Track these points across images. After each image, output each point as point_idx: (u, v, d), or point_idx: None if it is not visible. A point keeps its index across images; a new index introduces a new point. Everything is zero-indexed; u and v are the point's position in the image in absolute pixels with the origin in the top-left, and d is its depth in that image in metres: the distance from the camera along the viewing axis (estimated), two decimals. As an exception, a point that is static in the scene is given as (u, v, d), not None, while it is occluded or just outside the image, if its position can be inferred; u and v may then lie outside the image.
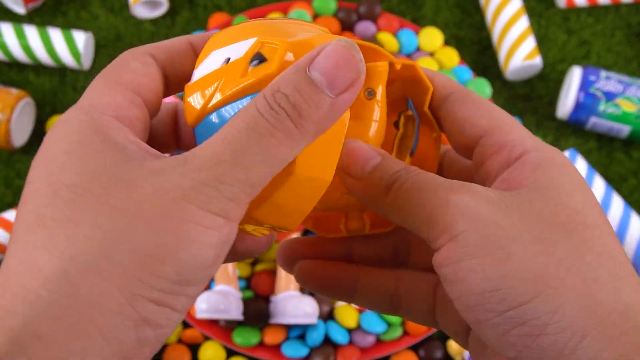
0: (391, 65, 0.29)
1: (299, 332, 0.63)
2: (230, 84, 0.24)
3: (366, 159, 0.27)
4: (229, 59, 0.25)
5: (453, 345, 0.63)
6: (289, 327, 0.63)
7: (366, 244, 0.31)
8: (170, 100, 0.28)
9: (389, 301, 0.31)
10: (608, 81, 0.70)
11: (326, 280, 0.31)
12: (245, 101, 0.24)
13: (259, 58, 0.24)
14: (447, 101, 0.28)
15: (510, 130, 0.26)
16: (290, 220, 0.25)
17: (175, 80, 0.27)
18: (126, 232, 0.21)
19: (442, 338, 0.66)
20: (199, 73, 0.26)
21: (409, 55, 0.73)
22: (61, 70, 0.75)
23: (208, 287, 0.63)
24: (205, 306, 0.60)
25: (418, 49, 0.73)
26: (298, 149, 0.23)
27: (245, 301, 0.63)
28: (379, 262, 0.31)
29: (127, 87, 0.25)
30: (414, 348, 0.65)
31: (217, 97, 0.24)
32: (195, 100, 0.25)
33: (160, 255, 0.21)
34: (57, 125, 0.24)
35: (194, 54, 0.27)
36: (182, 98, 0.69)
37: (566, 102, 0.71)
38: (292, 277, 0.50)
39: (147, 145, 0.24)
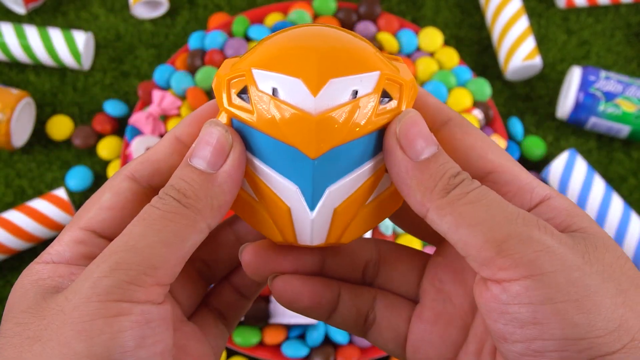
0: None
1: (299, 332, 0.63)
2: (365, 118, 0.25)
3: (424, 142, 0.25)
4: (356, 91, 0.25)
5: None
6: (289, 327, 0.63)
7: (339, 259, 0.30)
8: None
9: (363, 322, 0.30)
10: (608, 81, 0.70)
11: (308, 298, 0.29)
12: (377, 133, 0.26)
13: (385, 95, 0.26)
14: (447, 126, 0.27)
15: (520, 170, 0.26)
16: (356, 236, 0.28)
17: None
18: (43, 357, 0.23)
19: (442, 338, 0.66)
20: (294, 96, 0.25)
21: (409, 55, 0.73)
22: (61, 70, 0.75)
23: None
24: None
25: (418, 49, 0.73)
26: (200, 224, 0.25)
27: (245, 301, 0.63)
28: (349, 280, 0.30)
29: (81, 226, 0.27)
30: (414, 348, 0.65)
31: (354, 131, 0.25)
32: (323, 134, 0.25)
33: None
34: (19, 278, 0.26)
35: (183, 146, 0.28)
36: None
37: (566, 102, 0.71)
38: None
39: (82, 269, 0.26)
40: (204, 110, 0.28)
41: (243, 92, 0.26)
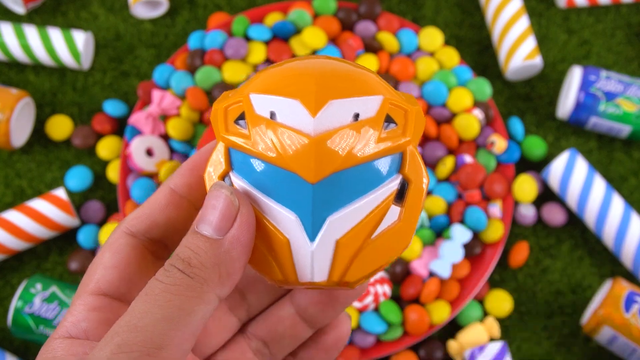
0: None
1: (299, 332, 0.62)
2: (367, 143, 0.24)
3: None
4: (358, 114, 0.24)
5: (453, 345, 0.63)
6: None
7: None
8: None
9: None
10: (608, 81, 0.70)
11: None
12: (381, 161, 0.25)
13: (388, 120, 0.25)
14: None
15: None
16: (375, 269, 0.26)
17: (169, 233, 0.27)
18: None
19: (442, 338, 0.66)
20: (288, 117, 0.24)
21: (409, 55, 0.73)
22: (61, 70, 0.75)
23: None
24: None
25: (418, 49, 0.73)
26: (208, 295, 0.23)
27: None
28: None
29: (91, 292, 0.26)
30: (414, 348, 0.65)
31: (356, 155, 0.24)
32: (322, 156, 0.24)
33: None
34: (38, 355, 0.26)
35: (180, 198, 0.27)
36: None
37: (566, 102, 0.71)
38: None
39: (95, 344, 0.25)
40: (196, 159, 0.27)
41: (241, 119, 0.25)
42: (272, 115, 0.24)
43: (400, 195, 0.25)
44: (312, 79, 0.24)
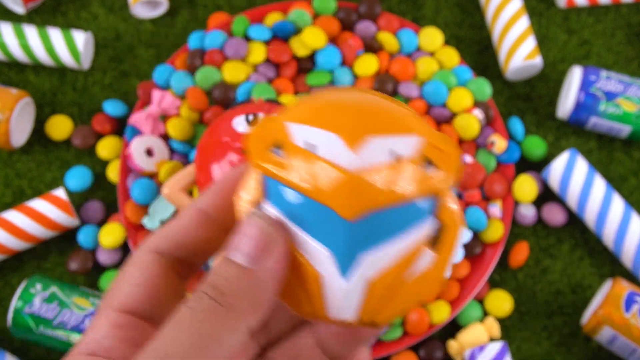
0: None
1: (299, 333, 0.62)
2: (406, 183, 0.24)
3: None
4: (397, 153, 0.24)
5: (453, 345, 0.63)
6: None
7: None
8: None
9: None
10: (608, 81, 0.70)
11: None
12: (418, 203, 0.24)
13: (427, 162, 0.24)
14: None
15: None
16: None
17: (195, 254, 0.27)
18: None
19: (442, 338, 0.66)
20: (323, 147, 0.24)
21: (409, 55, 0.73)
22: (61, 70, 0.75)
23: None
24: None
25: (418, 49, 0.73)
26: (239, 325, 0.23)
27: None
28: None
29: (116, 308, 0.25)
30: (414, 348, 0.65)
31: (394, 195, 0.24)
32: (360, 193, 0.24)
33: None
34: None
35: (208, 218, 0.27)
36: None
37: (566, 102, 0.71)
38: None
39: None
40: (228, 180, 0.27)
41: (277, 148, 0.25)
42: (310, 146, 0.24)
43: (434, 239, 0.25)
44: (352, 113, 0.24)
